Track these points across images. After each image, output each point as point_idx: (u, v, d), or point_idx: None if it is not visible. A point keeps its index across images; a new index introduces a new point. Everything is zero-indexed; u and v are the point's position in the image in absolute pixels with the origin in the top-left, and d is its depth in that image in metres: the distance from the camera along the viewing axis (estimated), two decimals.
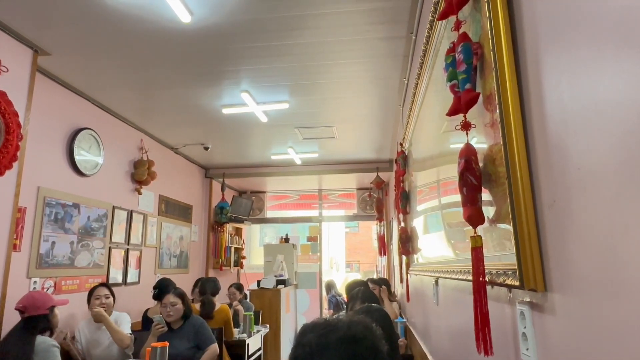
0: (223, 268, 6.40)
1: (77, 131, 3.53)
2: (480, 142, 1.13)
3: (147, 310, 3.95)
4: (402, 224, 3.42)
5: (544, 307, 0.81)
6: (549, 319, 0.80)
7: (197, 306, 3.97)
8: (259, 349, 4.76)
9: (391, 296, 4.05)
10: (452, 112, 1.16)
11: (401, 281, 4.03)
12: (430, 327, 2.43)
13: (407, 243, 3.19)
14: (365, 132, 4.85)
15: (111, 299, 3.19)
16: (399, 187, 3.43)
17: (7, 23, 2.56)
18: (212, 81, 3.45)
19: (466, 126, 1.11)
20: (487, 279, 1.02)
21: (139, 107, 4.00)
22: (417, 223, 2.75)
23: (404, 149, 3.35)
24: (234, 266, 6.91)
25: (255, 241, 8.87)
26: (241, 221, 6.97)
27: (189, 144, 5.12)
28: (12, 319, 2.55)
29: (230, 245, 6.68)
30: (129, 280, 4.20)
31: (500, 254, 1.01)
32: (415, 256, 3.01)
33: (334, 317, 1.02)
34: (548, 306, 0.80)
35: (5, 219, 2.57)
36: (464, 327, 1.46)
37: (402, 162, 3.31)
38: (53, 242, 3.24)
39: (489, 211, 1.06)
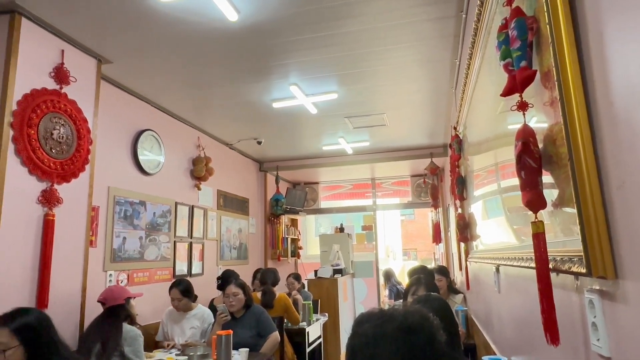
0: (281, 258, 6.56)
1: (140, 133, 3.75)
2: (539, 122, 1.07)
3: (212, 299, 4.16)
4: (459, 210, 3.32)
5: (616, 295, 0.76)
6: (621, 308, 0.75)
7: (258, 295, 4.11)
8: (319, 337, 4.85)
9: (451, 289, 3.93)
10: (507, 92, 1.10)
11: (460, 269, 3.92)
12: (493, 316, 2.35)
13: (465, 230, 3.10)
14: (417, 117, 4.74)
15: (184, 300, 3.37)
16: (454, 173, 3.33)
17: (74, 37, 2.76)
18: (261, 76, 3.52)
19: (523, 106, 1.05)
20: (551, 266, 0.97)
21: (194, 106, 4.16)
22: (475, 209, 2.65)
23: (458, 133, 3.24)
24: (291, 256, 7.05)
25: (311, 232, 8.99)
26: (296, 212, 7.09)
27: (242, 139, 5.26)
28: (94, 309, 2.78)
29: (286, 236, 6.83)
30: (193, 272, 4.42)
31: (565, 239, 0.95)
32: (474, 243, 2.92)
33: (390, 307, 1.01)
34: (620, 295, 0.74)
35: (82, 218, 2.80)
36: (529, 316, 1.40)
37: (457, 146, 3.20)
38: (124, 238, 3.48)
39: (552, 194, 1.01)
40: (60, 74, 2.67)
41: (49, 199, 2.53)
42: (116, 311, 2.72)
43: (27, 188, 2.43)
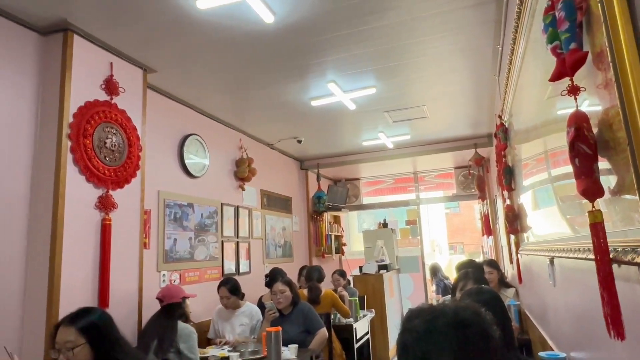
0: (325, 255, 6.59)
1: (185, 137, 3.88)
2: (592, 106, 1.02)
3: (261, 297, 4.25)
4: (508, 201, 3.20)
5: None
6: None
7: (304, 292, 4.15)
8: (367, 333, 4.84)
9: (503, 282, 3.80)
10: (556, 76, 1.05)
11: (511, 262, 3.79)
12: (548, 310, 2.26)
13: (515, 221, 2.99)
14: (458, 107, 4.61)
15: (232, 298, 3.46)
16: (501, 163, 3.22)
17: (121, 49, 2.89)
18: (298, 76, 3.54)
19: (574, 90, 1.00)
20: (611, 256, 0.92)
21: (235, 108, 4.26)
22: (525, 199, 2.55)
23: (503, 122, 3.13)
24: (335, 253, 7.08)
25: (354, 228, 8.97)
26: (338, 209, 7.10)
27: (283, 138, 5.33)
28: (150, 307, 2.92)
29: (330, 233, 6.85)
30: (241, 270, 4.53)
31: (627, 228, 0.90)
32: (525, 235, 2.81)
33: (440, 302, 1.00)
34: None
35: (136, 221, 2.94)
36: (589, 310, 1.33)
37: (503, 135, 3.09)
38: (175, 239, 3.62)
39: (609, 181, 0.95)
40: (110, 86, 2.81)
41: (105, 205, 2.67)
42: (172, 309, 2.84)
43: (85, 195, 2.58)
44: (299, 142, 5.38)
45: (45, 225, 2.40)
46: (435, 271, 6.78)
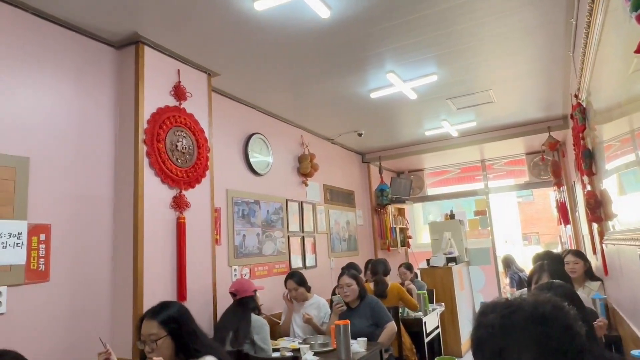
0: (390, 249, 6.52)
1: (249, 136, 4.01)
2: None
3: (335, 287, 4.29)
4: (589, 187, 2.96)
5: None
6: None
7: (370, 286, 4.14)
8: (437, 327, 4.73)
9: (589, 274, 3.51)
10: None
11: (594, 252, 3.51)
12: None
13: (598, 208, 2.76)
14: (528, 89, 4.33)
15: (300, 289, 3.54)
16: (579, 146, 2.98)
17: (186, 56, 3.05)
18: (356, 68, 3.52)
19: None
20: None
21: (295, 105, 4.32)
22: (609, 184, 2.35)
23: (580, 101, 2.89)
24: (401, 246, 6.98)
25: (419, 220, 8.78)
26: (402, 201, 6.99)
27: (343, 132, 5.33)
28: (224, 300, 3.06)
29: (394, 226, 6.76)
30: (307, 265, 4.61)
31: None
32: (609, 223, 2.59)
33: (516, 296, 0.94)
34: None
35: (207, 219, 3.09)
36: None
37: (580, 116, 2.86)
38: (243, 235, 3.77)
39: None
40: (179, 91, 2.97)
41: (179, 204, 2.84)
42: (246, 302, 2.96)
43: (161, 195, 2.76)
44: (360, 135, 5.35)
45: (128, 225, 2.60)
46: (508, 263, 6.44)
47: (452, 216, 6.81)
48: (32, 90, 2.35)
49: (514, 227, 14.35)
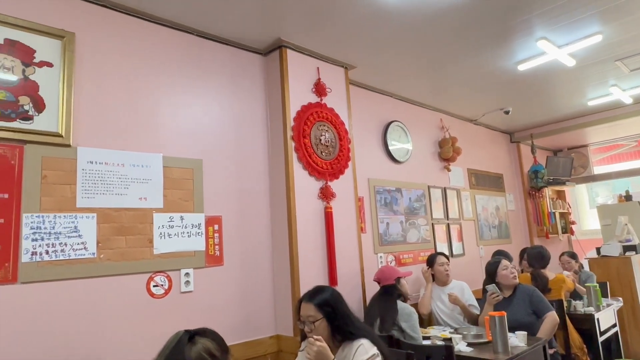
0: (549, 236, 5.87)
1: (387, 125, 4.02)
2: None
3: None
4: None
5: None
6: None
7: (527, 276, 3.81)
8: (614, 326, 4.11)
9: None
10: None
11: None
12: None
13: None
14: None
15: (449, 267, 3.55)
16: None
17: (324, 54, 3.19)
18: (500, 40, 3.23)
19: None
20: None
21: (432, 89, 4.18)
22: None
23: None
24: (562, 233, 6.22)
25: (583, 203, 7.70)
26: (562, 183, 6.21)
27: (487, 112, 4.96)
28: (371, 286, 3.15)
29: (553, 211, 6.05)
30: (454, 253, 4.44)
31: None
32: None
33: None
34: None
35: (352, 208, 3.21)
36: None
37: None
38: (387, 223, 3.80)
39: None
40: (319, 88, 3.13)
41: (326, 194, 3.00)
42: (390, 290, 2.99)
43: (309, 187, 2.95)
44: (507, 113, 4.91)
45: (282, 215, 2.86)
46: None
47: (627, 197, 5.80)
48: (201, 102, 2.74)
49: None
